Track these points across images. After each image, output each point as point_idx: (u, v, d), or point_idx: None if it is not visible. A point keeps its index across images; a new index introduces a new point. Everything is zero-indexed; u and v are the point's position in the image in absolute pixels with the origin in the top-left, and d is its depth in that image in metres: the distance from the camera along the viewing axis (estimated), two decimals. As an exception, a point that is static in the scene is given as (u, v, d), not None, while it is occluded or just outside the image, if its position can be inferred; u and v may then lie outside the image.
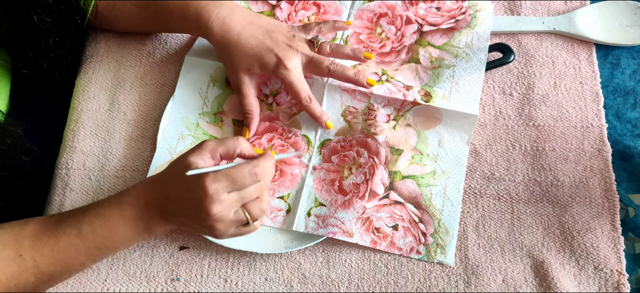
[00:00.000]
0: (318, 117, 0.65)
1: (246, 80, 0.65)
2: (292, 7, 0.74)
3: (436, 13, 0.72)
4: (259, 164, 0.54)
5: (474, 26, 0.70)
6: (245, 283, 0.60)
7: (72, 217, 0.55)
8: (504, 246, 0.60)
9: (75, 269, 0.56)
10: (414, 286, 0.59)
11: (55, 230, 0.54)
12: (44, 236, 0.54)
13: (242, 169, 0.52)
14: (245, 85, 0.65)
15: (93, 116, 0.70)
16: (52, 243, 0.54)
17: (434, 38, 0.70)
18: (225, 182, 0.51)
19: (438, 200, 0.62)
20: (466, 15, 0.71)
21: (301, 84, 0.64)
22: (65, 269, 0.55)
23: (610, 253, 0.58)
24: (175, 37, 0.75)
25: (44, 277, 0.54)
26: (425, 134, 0.65)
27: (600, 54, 0.69)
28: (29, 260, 0.53)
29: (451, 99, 0.65)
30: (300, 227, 0.61)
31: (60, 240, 0.54)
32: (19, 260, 0.53)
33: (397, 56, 0.70)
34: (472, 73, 0.67)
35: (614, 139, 0.64)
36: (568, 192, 0.61)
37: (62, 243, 0.54)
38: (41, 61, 0.66)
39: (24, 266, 0.53)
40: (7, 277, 0.53)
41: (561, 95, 0.67)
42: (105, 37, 0.75)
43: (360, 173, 0.63)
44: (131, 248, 0.62)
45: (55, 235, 0.54)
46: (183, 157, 0.54)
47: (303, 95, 0.64)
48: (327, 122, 0.66)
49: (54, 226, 0.54)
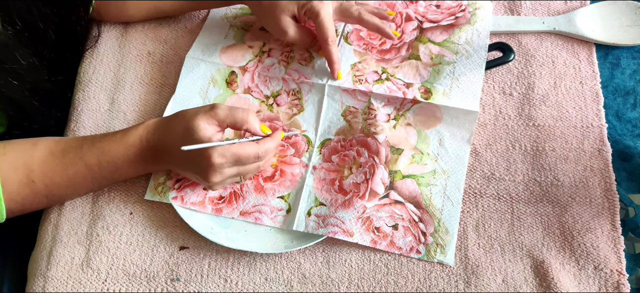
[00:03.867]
0: (334, 62, 0.67)
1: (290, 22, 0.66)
2: None
3: (436, 10, 0.72)
4: (265, 147, 0.59)
5: (474, 23, 0.70)
6: (245, 283, 0.60)
7: (79, 148, 0.59)
8: (504, 246, 0.60)
9: (85, 192, 0.63)
10: (414, 286, 0.59)
11: (62, 159, 0.58)
12: (52, 163, 0.58)
13: (249, 151, 0.57)
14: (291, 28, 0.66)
15: (93, 116, 0.70)
16: (61, 171, 0.58)
17: (434, 35, 0.70)
18: (230, 158, 0.56)
19: (438, 199, 0.62)
20: (466, 12, 0.71)
21: (331, 23, 0.66)
22: (75, 192, 0.62)
23: (610, 253, 0.58)
24: (175, 37, 0.75)
25: (56, 198, 0.62)
26: (425, 133, 0.65)
27: (600, 54, 0.69)
28: (41, 185, 0.58)
29: (452, 95, 0.65)
30: (300, 227, 0.61)
31: (69, 168, 0.59)
32: (32, 185, 0.57)
33: (398, 53, 0.70)
34: (473, 69, 0.67)
35: (614, 138, 0.64)
36: (568, 192, 0.61)
37: (70, 171, 0.59)
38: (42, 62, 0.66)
39: (36, 190, 0.58)
40: (22, 198, 0.58)
41: (561, 95, 0.67)
42: (105, 37, 0.75)
43: (360, 172, 0.63)
44: (131, 248, 0.62)
45: (63, 163, 0.58)
46: (192, 116, 0.57)
47: (331, 34, 0.66)
48: (338, 72, 0.67)
49: (62, 155, 0.59)
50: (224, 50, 0.71)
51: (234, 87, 0.70)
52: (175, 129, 0.58)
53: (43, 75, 0.65)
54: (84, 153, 0.59)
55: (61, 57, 0.69)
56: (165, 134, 0.59)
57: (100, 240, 0.62)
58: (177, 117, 0.59)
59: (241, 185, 0.64)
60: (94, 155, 0.59)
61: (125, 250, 0.62)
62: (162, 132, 0.59)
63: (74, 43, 0.71)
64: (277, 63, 0.70)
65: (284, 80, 0.69)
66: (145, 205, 0.64)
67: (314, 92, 0.68)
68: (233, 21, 0.75)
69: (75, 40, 0.71)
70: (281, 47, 0.71)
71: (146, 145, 0.59)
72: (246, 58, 0.70)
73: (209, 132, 0.57)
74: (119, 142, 0.59)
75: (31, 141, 0.60)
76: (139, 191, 0.65)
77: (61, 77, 0.69)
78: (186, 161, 0.58)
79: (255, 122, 0.59)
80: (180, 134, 0.57)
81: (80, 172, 0.59)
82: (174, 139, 0.58)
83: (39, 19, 0.62)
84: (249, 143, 0.58)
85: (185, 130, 0.57)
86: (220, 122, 0.57)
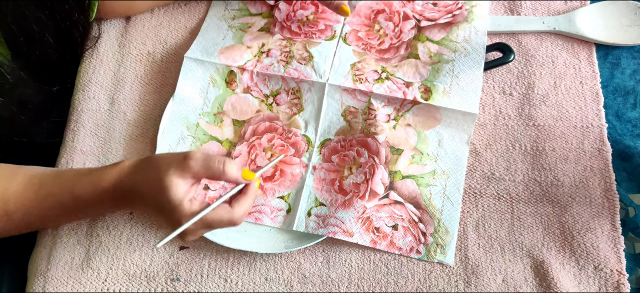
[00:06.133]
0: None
1: None
2: (290, 7, 0.74)
3: (433, 8, 0.72)
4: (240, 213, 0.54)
5: (471, 21, 0.70)
6: (245, 283, 0.60)
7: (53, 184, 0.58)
8: (504, 246, 0.60)
9: (63, 223, 0.63)
10: (414, 286, 0.59)
11: (38, 193, 0.57)
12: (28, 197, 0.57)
13: (221, 217, 0.53)
14: None
15: (93, 116, 0.70)
16: (37, 205, 0.57)
17: (432, 33, 0.70)
18: (201, 226, 0.53)
19: (437, 200, 0.62)
20: (462, 10, 0.71)
21: None
22: (53, 223, 0.63)
23: (610, 253, 0.58)
24: (175, 36, 0.75)
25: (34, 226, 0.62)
26: (425, 133, 0.65)
27: (600, 54, 0.69)
28: (18, 216, 0.57)
29: (452, 93, 0.65)
30: (300, 227, 0.61)
31: (43, 203, 0.57)
32: (8, 216, 0.57)
33: (396, 52, 0.70)
34: (472, 67, 0.67)
35: (614, 138, 0.64)
36: (568, 192, 0.61)
37: (45, 206, 0.57)
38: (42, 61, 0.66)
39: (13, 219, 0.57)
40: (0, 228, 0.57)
41: (561, 95, 0.67)
42: (105, 37, 0.75)
43: (360, 173, 0.63)
44: (131, 248, 0.62)
45: (38, 197, 0.57)
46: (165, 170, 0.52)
47: None
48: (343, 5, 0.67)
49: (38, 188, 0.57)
50: (222, 50, 0.71)
51: (233, 86, 0.70)
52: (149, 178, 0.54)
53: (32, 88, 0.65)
54: (58, 190, 0.57)
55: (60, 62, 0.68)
56: (139, 183, 0.55)
57: (100, 240, 0.63)
58: (150, 165, 0.54)
59: None
60: (67, 194, 0.57)
61: (125, 250, 0.62)
62: (135, 180, 0.55)
63: (72, 47, 0.71)
64: (276, 62, 0.69)
65: (284, 79, 0.69)
66: (145, 205, 0.64)
67: (313, 91, 0.68)
68: (231, 22, 0.75)
69: (73, 44, 0.70)
70: (280, 47, 0.71)
71: (118, 191, 0.55)
72: (245, 58, 0.70)
73: (182, 189, 0.52)
74: (93, 184, 0.56)
75: (10, 170, 0.58)
76: (139, 191, 0.65)
77: (56, 88, 0.69)
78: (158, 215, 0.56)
79: (232, 170, 0.53)
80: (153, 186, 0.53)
81: (54, 207, 0.57)
82: (146, 190, 0.54)
83: (33, 23, 0.62)
84: (221, 207, 0.53)
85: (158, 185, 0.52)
86: (195, 174, 0.52)
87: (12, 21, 0.60)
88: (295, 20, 0.73)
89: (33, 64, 0.65)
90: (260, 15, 0.75)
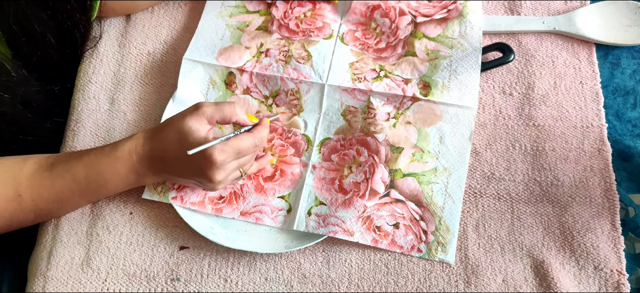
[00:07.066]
0: None
1: None
2: (288, 4, 0.74)
3: (428, 4, 0.72)
4: (260, 135, 0.59)
5: (466, 15, 0.70)
6: (245, 283, 0.60)
7: (67, 162, 0.59)
8: (504, 246, 0.60)
9: (72, 208, 0.62)
10: (414, 286, 0.59)
11: (50, 173, 0.58)
12: (40, 177, 0.57)
13: (247, 141, 0.58)
14: None
15: (93, 116, 0.70)
16: (49, 185, 0.57)
17: (428, 29, 0.70)
18: (231, 152, 0.56)
19: (439, 197, 0.62)
20: (457, 4, 0.71)
21: None
22: (62, 207, 0.61)
23: (610, 253, 0.58)
24: (175, 36, 0.75)
25: (43, 213, 0.60)
26: (425, 131, 0.65)
27: (600, 54, 0.69)
28: (28, 200, 0.57)
29: (451, 87, 0.65)
30: (301, 227, 0.61)
31: (56, 182, 0.58)
32: (19, 199, 0.57)
33: (394, 51, 0.70)
34: (469, 62, 0.67)
35: (614, 138, 0.64)
36: (568, 191, 0.61)
37: (58, 186, 0.58)
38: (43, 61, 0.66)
39: (23, 205, 0.57)
40: (9, 213, 0.57)
41: (561, 95, 0.67)
42: (106, 37, 0.75)
43: (360, 172, 0.63)
44: (131, 248, 0.62)
45: (51, 177, 0.57)
46: (181, 121, 0.56)
47: None
48: None
49: (50, 169, 0.58)
50: (221, 51, 0.71)
51: (232, 88, 0.70)
52: (167, 137, 0.57)
53: (35, 87, 0.65)
54: (72, 167, 0.58)
55: (61, 62, 0.68)
56: (158, 144, 0.58)
57: (100, 240, 0.62)
58: (165, 126, 0.58)
59: (241, 186, 0.64)
60: (82, 169, 0.58)
61: (125, 250, 0.62)
62: (153, 143, 0.58)
63: (73, 47, 0.71)
64: (274, 62, 0.69)
65: (283, 80, 0.69)
66: (145, 205, 0.64)
67: (312, 91, 0.68)
68: (228, 20, 0.74)
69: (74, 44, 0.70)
70: (279, 47, 0.71)
71: (136, 158, 0.58)
72: (243, 59, 0.70)
73: (203, 131, 0.56)
74: (107, 156, 0.58)
75: (22, 157, 0.59)
76: (139, 191, 0.64)
77: (57, 88, 0.69)
78: (187, 166, 0.58)
79: (242, 113, 0.60)
80: (175, 140, 0.56)
81: (68, 186, 0.58)
82: (168, 147, 0.57)
83: (35, 23, 0.62)
84: (244, 134, 0.59)
85: (179, 135, 0.56)
86: (209, 119, 0.57)
87: (14, 21, 0.60)
88: (293, 17, 0.73)
89: (34, 64, 0.65)
90: (258, 12, 0.75)
